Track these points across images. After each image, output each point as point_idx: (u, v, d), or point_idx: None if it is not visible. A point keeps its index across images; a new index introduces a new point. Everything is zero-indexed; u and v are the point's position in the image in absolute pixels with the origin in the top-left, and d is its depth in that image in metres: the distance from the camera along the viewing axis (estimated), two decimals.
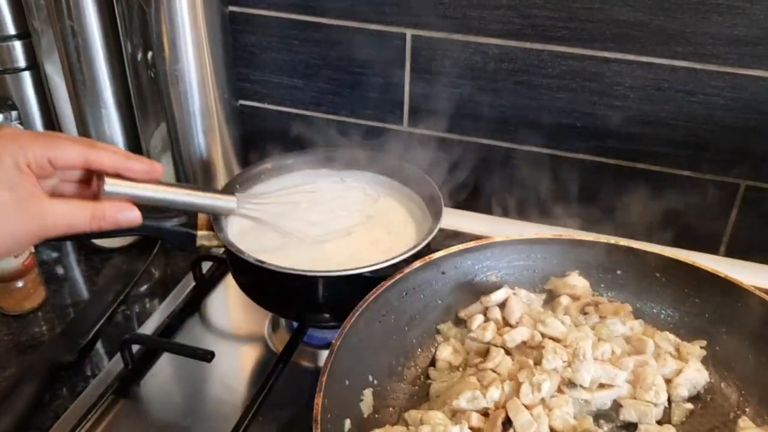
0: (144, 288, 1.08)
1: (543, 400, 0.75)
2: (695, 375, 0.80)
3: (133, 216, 0.71)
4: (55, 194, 0.70)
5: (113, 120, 1.14)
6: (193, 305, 1.03)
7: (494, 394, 0.76)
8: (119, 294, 1.04)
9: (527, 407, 0.74)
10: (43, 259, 1.14)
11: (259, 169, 0.99)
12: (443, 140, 1.15)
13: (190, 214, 0.89)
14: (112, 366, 0.92)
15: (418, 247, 0.85)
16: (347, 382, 0.76)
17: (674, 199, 1.08)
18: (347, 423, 0.73)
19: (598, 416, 0.78)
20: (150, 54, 1.04)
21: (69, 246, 1.18)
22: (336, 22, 1.11)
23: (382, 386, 0.81)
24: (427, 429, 0.71)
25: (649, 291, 0.90)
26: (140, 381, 0.91)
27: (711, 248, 1.11)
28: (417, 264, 0.86)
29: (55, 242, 1.18)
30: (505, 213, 1.11)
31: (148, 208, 0.87)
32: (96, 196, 0.72)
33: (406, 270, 0.85)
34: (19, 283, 1.00)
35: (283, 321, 0.99)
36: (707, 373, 0.81)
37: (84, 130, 1.13)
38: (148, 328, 0.98)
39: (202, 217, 0.89)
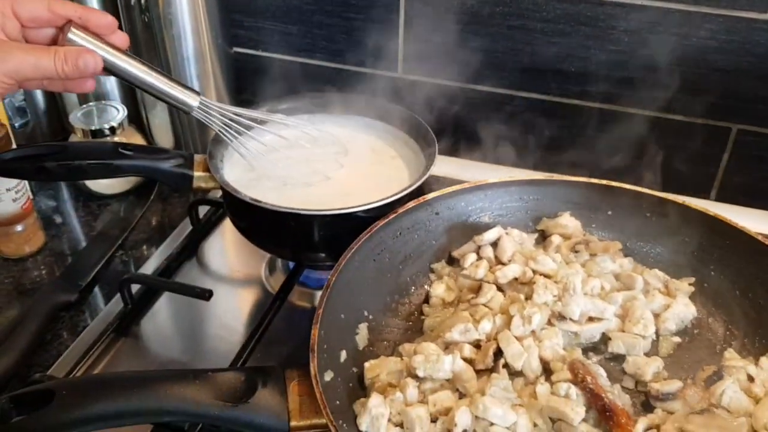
0: (142, 233, 1.09)
1: (533, 333, 0.77)
2: (683, 310, 0.82)
3: (93, 61, 0.72)
4: None
5: None
6: (191, 249, 1.04)
7: (486, 326, 0.77)
8: (117, 238, 1.05)
9: (518, 339, 0.76)
10: (41, 207, 1.15)
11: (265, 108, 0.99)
12: (438, 86, 1.15)
13: (185, 156, 0.89)
14: (112, 306, 0.94)
15: (412, 187, 0.86)
16: (343, 316, 0.78)
17: (667, 143, 1.09)
18: (343, 354, 0.75)
19: (588, 348, 0.80)
20: None
21: (66, 193, 1.19)
22: None
23: (377, 321, 0.82)
24: (420, 358, 0.73)
25: (639, 230, 0.92)
26: (140, 320, 0.93)
27: (702, 193, 1.12)
28: (411, 204, 0.87)
29: (51, 190, 1.19)
30: (501, 159, 1.12)
31: (144, 150, 0.89)
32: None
33: (400, 210, 0.86)
34: (19, 227, 1.01)
35: (279, 263, 1.01)
36: (695, 308, 0.83)
37: None
38: (147, 270, 1.00)
39: (198, 159, 0.90)
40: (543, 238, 0.93)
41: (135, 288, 0.93)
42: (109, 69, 0.75)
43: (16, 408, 0.62)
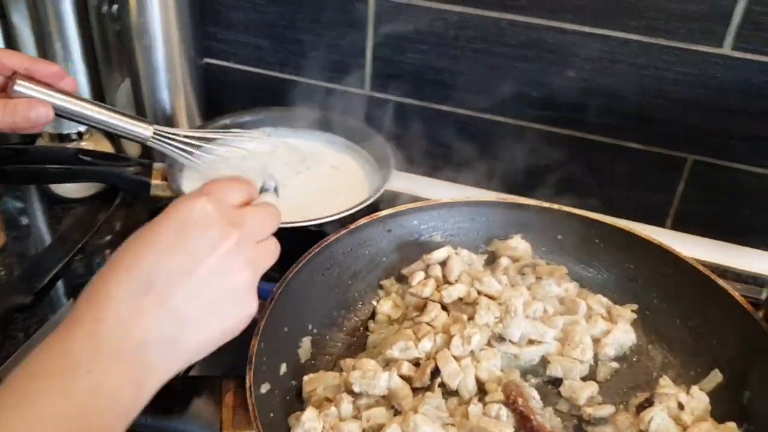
0: (104, 238, 1.10)
1: (472, 353, 0.78)
2: (622, 336, 0.84)
3: (44, 112, 0.72)
4: None
5: (80, 73, 1.15)
6: None
7: (426, 345, 0.79)
8: (78, 242, 1.06)
9: (456, 358, 0.77)
10: (8, 208, 1.16)
11: (215, 125, 1.01)
12: (403, 105, 1.17)
13: (144, 164, 0.91)
14: (66, 310, 0.95)
15: (365, 204, 0.89)
16: (286, 329, 0.79)
17: (623, 170, 1.12)
18: (283, 366, 0.77)
19: (527, 371, 0.82)
20: (115, 6, 1.06)
21: (34, 195, 1.20)
22: None
23: (321, 335, 0.84)
24: (357, 374, 0.74)
25: (587, 255, 0.94)
26: None
27: (657, 221, 1.14)
28: (363, 220, 0.89)
29: (19, 192, 1.20)
30: (463, 179, 1.14)
31: (104, 156, 0.90)
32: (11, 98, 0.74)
33: (352, 226, 0.88)
34: None
35: None
36: (635, 335, 0.85)
37: None
38: None
39: (157, 167, 0.92)
40: (493, 259, 0.94)
41: None
42: (59, 113, 0.77)
43: None
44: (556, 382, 0.80)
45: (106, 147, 1.16)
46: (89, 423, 0.48)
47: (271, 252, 0.63)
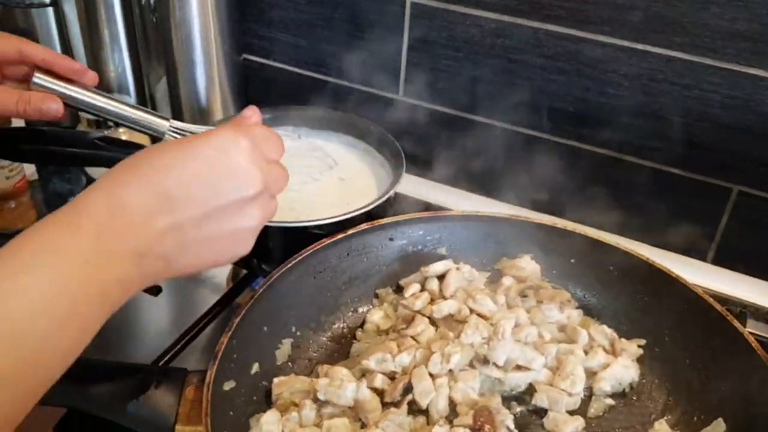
0: None
1: (451, 372, 0.75)
2: (621, 371, 0.78)
3: (55, 107, 0.74)
4: None
5: (125, 62, 1.19)
6: None
7: (404, 359, 0.76)
8: None
9: (433, 376, 0.74)
10: (56, 189, 1.21)
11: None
12: (435, 113, 1.14)
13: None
14: None
15: (365, 210, 0.86)
16: (265, 328, 0.78)
17: (662, 197, 1.04)
18: (255, 366, 0.75)
19: (512, 398, 0.77)
20: None
21: (81, 180, 1.24)
22: None
23: (305, 339, 0.82)
24: (324, 381, 0.72)
25: (600, 283, 0.88)
26: None
27: (698, 254, 1.06)
28: (363, 226, 0.87)
29: (69, 175, 1.24)
30: (484, 192, 1.10)
31: (121, 144, 0.92)
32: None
33: (350, 231, 0.86)
34: (12, 204, 1.06)
35: (245, 272, 1.02)
36: (635, 371, 0.79)
37: (96, 70, 1.17)
38: None
39: None
40: (498, 277, 0.90)
41: None
42: (77, 107, 0.79)
43: None
44: (542, 412, 0.76)
45: (142, 138, 1.18)
46: (75, 310, 0.50)
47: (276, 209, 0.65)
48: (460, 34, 1.07)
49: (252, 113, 0.67)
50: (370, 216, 0.88)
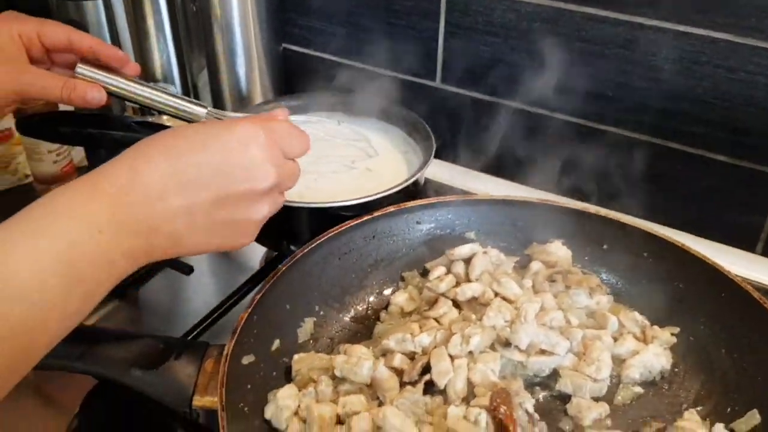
0: None
1: (471, 354, 0.74)
2: (651, 359, 0.75)
3: (98, 96, 0.77)
4: None
5: (170, 52, 1.21)
6: None
7: (424, 339, 0.75)
8: None
9: (452, 357, 0.73)
10: None
11: (270, 107, 1.03)
12: (472, 99, 1.13)
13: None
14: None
15: (392, 190, 0.86)
16: (288, 306, 0.79)
17: (708, 185, 1.01)
18: (276, 342, 0.76)
19: (536, 383, 0.76)
20: None
21: None
22: None
23: (328, 318, 0.82)
24: (342, 359, 0.72)
25: (633, 269, 0.85)
26: (139, 287, 0.98)
27: (746, 245, 1.01)
28: (390, 209, 0.87)
29: None
30: (523, 180, 1.08)
31: (157, 128, 0.94)
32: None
33: (376, 213, 0.85)
34: (58, 187, 1.10)
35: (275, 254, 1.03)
36: (666, 359, 0.76)
37: (141, 62, 1.21)
38: None
39: None
40: (528, 262, 0.88)
41: None
42: (118, 95, 0.81)
43: None
44: (566, 398, 0.74)
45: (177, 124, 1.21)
46: (83, 275, 0.52)
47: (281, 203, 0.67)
48: (497, 19, 1.06)
49: (281, 114, 0.69)
50: (399, 200, 0.88)
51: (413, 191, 0.91)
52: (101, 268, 0.54)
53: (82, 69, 0.79)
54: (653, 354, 0.76)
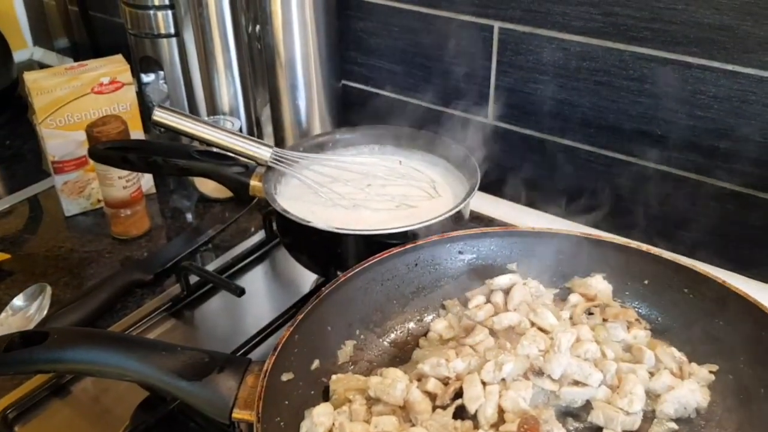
0: (231, 235, 1.21)
1: (503, 381, 0.75)
2: (686, 395, 0.75)
3: None
4: None
5: (236, 87, 1.29)
6: (262, 254, 1.13)
7: (459, 365, 0.77)
8: (206, 236, 1.18)
9: (484, 384, 0.74)
10: (175, 205, 1.32)
11: (324, 139, 1.08)
12: (523, 136, 1.15)
13: (248, 167, 0.99)
14: (174, 290, 1.06)
15: (436, 219, 0.88)
16: (329, 328, 0.82)
17: (756, 225, 0.99)
18: (316, 362, 0.79)
19: (568, 413, 0.76)
20: (258, 27, 1.17)
21: (192, 195, 1.35)
22: (431, 11, 1.16)
23: (368, 342, 0.85)
24: (377, 380, 0.75)
25: (673, 305, 0.85)
26: (195, 307, 1.04)
27: None
28: (433, 238, 0.89)
29: (186, 191, 1.35)
30: (570, 215, 1.09)
31: (214, 156, 1.00)
32: None
33: (419, 242, 0.88)
34: (127, 212, 1.17)
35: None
36: (703, 396, 0.75)
37: (210, 95, 1.29)
38: (215, 266, 1.10)
39: (257, 171, 0.99)
40: (566, 296, 0.89)
41: (194, 279, 1.05)
42: (190, 137, 0.88)
43: (22, 343, 0.74)
44: (598, 430, 0.74)
45: None
46: None
47: None
48: (547, 58, 1.08)
49: None
50: (443, 230, 0.90)
51: (457, 222, 0.94)
52: None
53: (159, 112, 0.86)
54: (689, 390, 0.75)
